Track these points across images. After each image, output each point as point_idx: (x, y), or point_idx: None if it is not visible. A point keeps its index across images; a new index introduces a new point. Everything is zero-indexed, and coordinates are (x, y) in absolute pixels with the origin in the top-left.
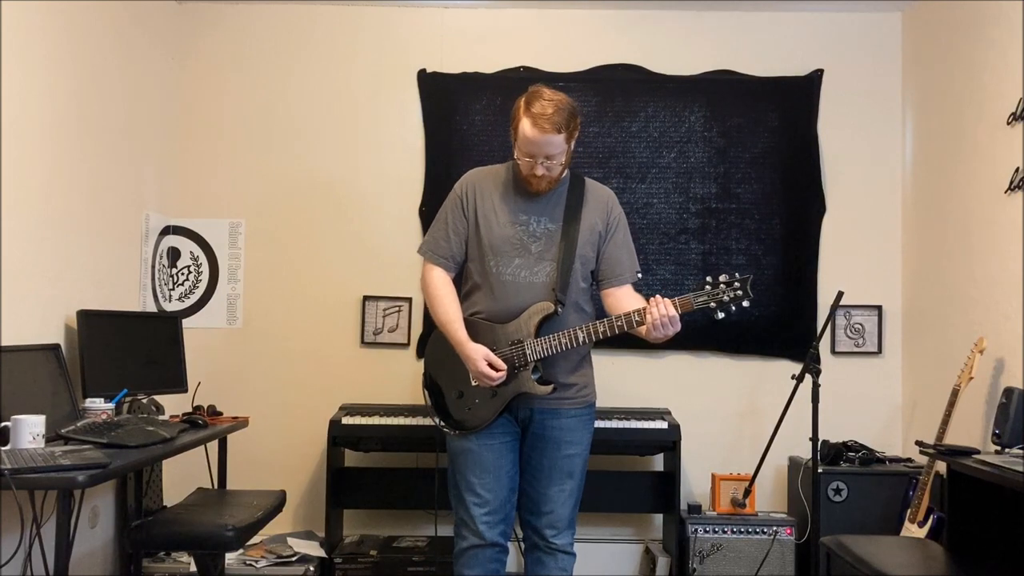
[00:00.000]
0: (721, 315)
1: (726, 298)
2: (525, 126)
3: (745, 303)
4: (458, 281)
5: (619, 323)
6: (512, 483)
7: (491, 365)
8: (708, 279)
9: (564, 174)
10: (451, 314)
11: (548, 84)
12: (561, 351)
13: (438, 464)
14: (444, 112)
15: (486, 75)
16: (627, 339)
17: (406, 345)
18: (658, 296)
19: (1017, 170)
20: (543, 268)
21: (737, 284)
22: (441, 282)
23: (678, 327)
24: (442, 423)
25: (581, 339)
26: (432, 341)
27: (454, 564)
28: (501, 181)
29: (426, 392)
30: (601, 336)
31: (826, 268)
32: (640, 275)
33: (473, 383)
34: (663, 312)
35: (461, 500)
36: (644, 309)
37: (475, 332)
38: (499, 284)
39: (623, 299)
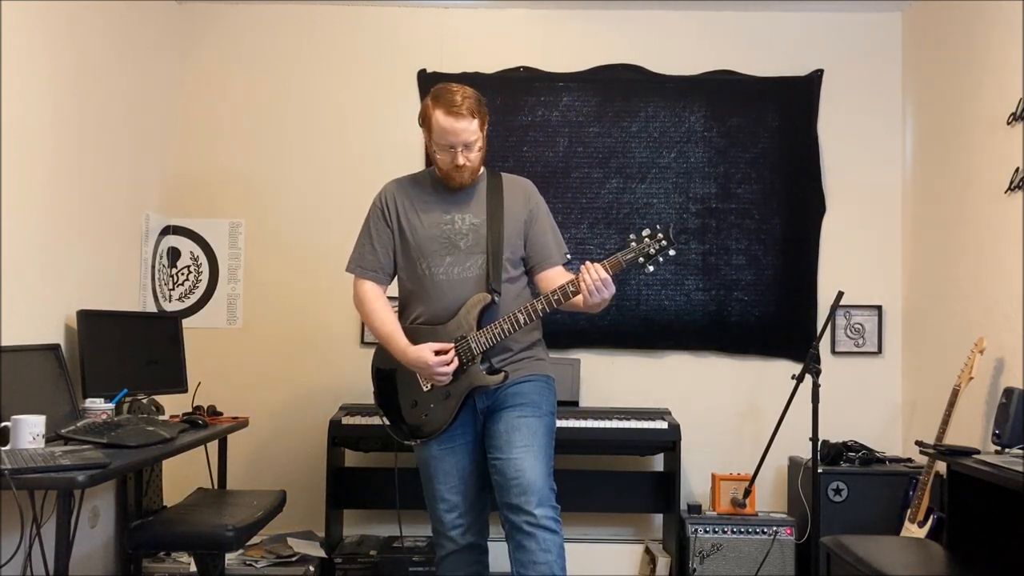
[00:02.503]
0: (651, 268)
1: (652, 250)
2: (439, 117)
3: (671, 251)
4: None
5: (555, 297)
6: (480, 482)
7: (439, 354)
8: (632, 236)
9: (481, 168)
10: (388, 325)
11: (548, 84)
12: (504, 337)
13: (396, 464)
14: None
15: (486, 75)
16: (628, 338)
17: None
18: (588, 262)
19: (1017, 170)
20: (474, 262)
21: (660, 235)
22: (373, 295)
23: (612, 289)
24: (402, 435)
25: (522, 321)
26: (376, 357)
27: (436, 569)
28: (420, 185)
29: (380, 410)
30: (540, 313)
31: (826, 268)
32: (569, 256)
33: (425, 388)
34: (595, 276)
35: (433, 508)
36: (576, 278)
37: (417, 338)
38: (433, 285)
39: (556, 279)
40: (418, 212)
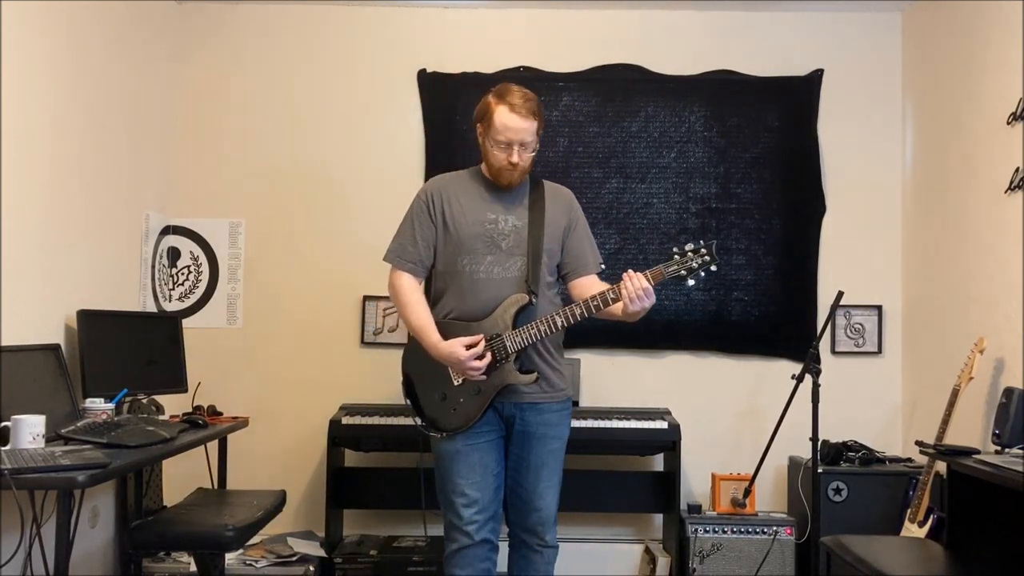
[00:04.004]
0: (691, 282)
1: (695, 264)
2: (503, 113)
3: (713, 267)
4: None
5: (595, 303)
6: (499, 481)
7: (469, 348)
8: (675, 249)
9: (529, 170)
10: (423, 319)
11: (548, 84)
12: (540, 339)
13: (421, 463)
14: (444, 112)
15: (486, 75)
16: (627, 338)
17: (406, 345)
18: (630, 271)
19: (1017, 170)
20: (514, 263)
21: (704, 251)
22: (411, 288)
23: (653, 299)
24: (428, 428)
25: (559, 324)
26: (408, 348)
27: (445, 566)
28: (465, 184)
29: (408, 400)
30: (578, 318)
31: (826, 268)
32: (603, 266)
33: (456, 382)
34: (637, 285)
35: (450, 502)
36: (618, 286)
37: (451, 333)
38: (472, 282)
39: (590, 287)
40: (464, 209)
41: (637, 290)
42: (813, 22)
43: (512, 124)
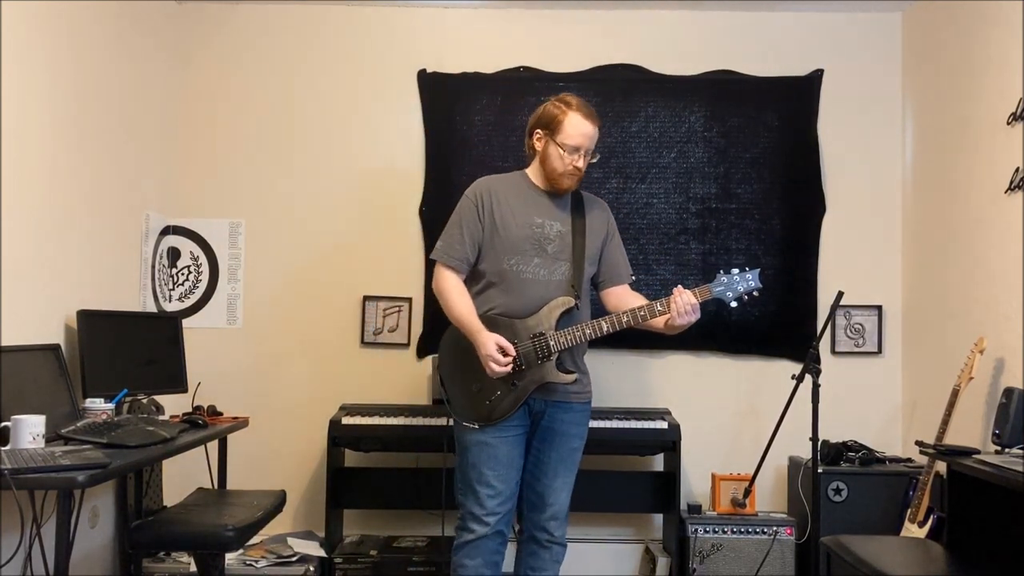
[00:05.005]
0: (734, 304)
1: (741, 288)
2: (575, 119)
3: (756, 292)
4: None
5: (641, 313)
6: (520, 475)
7: (501, 350)
8: (721, 271)
9: None
10: (466, 309)
11: (548, 84)
12: (584, 341)
13: (446, 464)
14: (444, 112)
15: (486, 75)
16: (628, 338)
17: (406, 345)
18: (680, 286)
19: (1017, 170)
20: (559, 267)
21: (749, 276)
22: (456, 283)
23: (699, 314)
24: (461, 417)
25: (605, 329)
26: (447, 338)
27: (454, 555)
28: (513, 186)
29: (443, 388)
30: (623, 326)
31: (826, 268)
32: (634, 277)
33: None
34: (686, 300)
35: (472, 492)
36: (667, 299)
37: (494, 327)
38: (519, 282)
39: (625, 297)
40: (513, 210)
41: (686, 305)
42: (813, 22)
43: (585, 130)
